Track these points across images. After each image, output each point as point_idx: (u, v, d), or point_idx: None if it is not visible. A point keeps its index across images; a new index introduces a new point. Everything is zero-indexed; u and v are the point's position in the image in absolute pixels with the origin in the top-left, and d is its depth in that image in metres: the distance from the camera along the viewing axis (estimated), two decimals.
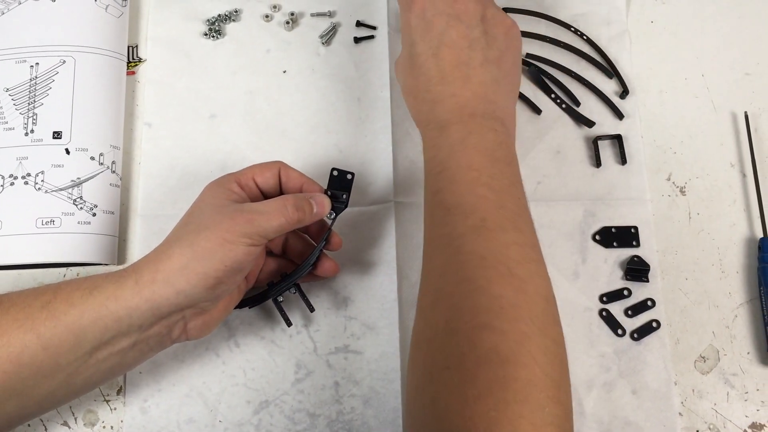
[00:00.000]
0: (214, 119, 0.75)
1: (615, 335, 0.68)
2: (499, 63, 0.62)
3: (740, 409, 0.67)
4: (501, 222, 0.54)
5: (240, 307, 0.65)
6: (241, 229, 0.55)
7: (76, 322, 0.53)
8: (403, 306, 0.69)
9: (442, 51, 0.62)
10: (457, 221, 0.55)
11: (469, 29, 0.62)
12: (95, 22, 0.75)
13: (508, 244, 0.53)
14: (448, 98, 0.61)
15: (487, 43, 0.62)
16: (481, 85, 0.61)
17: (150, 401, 0.66)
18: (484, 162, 0.57)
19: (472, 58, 0.61)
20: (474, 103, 0.60)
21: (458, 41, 0.62)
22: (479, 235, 0.53)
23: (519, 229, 0.55)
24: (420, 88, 0.63)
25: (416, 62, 0.63)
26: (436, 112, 0.61)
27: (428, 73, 0.62)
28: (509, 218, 0.55)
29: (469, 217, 0.54)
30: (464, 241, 0.54)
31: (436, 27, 0.62)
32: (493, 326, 0.49)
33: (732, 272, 0.71)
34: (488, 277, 0.51)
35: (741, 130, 0.76)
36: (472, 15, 0.63)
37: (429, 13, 0.63)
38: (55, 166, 0.69)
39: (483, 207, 0.55)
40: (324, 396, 0.66)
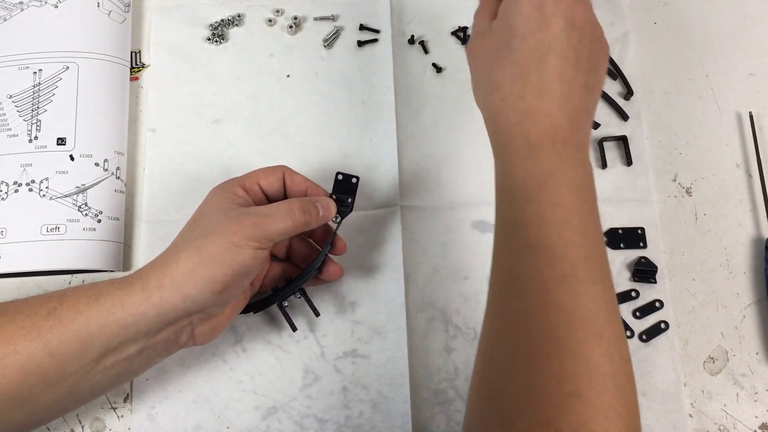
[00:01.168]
0: (218, 124, 0.75)
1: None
2: (593, 90, 0.56)
3: (750, 410, 0.67)
4: (590, 273, 0.50)
5: (245, 312, 0.64)
6: (248, 232, 0.55)
7: (82, 328, 0.53)
8: (410, 310, 0.69)
9: (549, 58, 0.54)
10: (543, 265, 0.50)
11: (581, 44, 0.55)
12: (98, 28, 0.75)
13: (597, 299, 0.49)
14: (542, 116, 0.53)
15: (590, 66, 0.55)
16: (576, 110, 0.54)
17: (157, 408, 0.65)
18: (575, 202, 0.52)
19: (576, 78, 0.54)
20: (567, 130, 0.54)
21: (568, 53, 0.54)
22: (568, 287, 0.49)
23: (605, 283, 0.51)
24: (513, 90, 0.54)
25: (516, 58, 0.55)
26: (527, 128, 0.54)
27: (527, 78, 0.54)
28: (597, 269, 0.50)
29: (557, 264, 0.49)
30: (551, 291, 0.49)
31: (551, 28, 0.54)
32: (582, 396, 0.46)
33: (739, 272, 0.71)
34: (577, 337, 0.47)
35: (746, 131, 0.76)
36: (587, 28, 0.55)
37: (548, 9, 0.54)
38: (59, 172, 0.69)
39: (573, 254, 0.50)
40: (332, 401, 0.66)
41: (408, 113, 0.75)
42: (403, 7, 0.80)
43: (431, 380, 0.67)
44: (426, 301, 0.69)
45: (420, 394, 0.66)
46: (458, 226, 0.72)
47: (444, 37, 0.80)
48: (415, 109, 0.76)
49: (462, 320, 0.68)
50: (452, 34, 0.80)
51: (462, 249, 0.71)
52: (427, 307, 0.69)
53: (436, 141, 0.75)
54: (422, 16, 0.80)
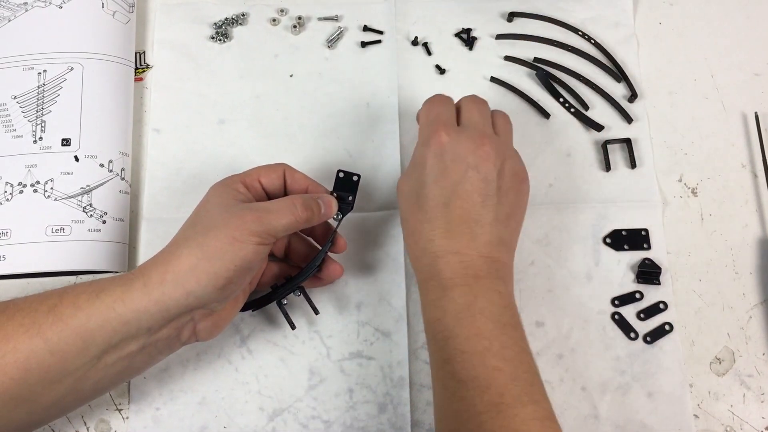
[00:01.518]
0: (222, 124, 0.75)
1: (628, 338, 0.68)
2: (507, 221, 0.60)
3: (757, 411, 0.67)
4: (518, 395, 0.52)
5: (244, 309, 0.64)
6: (250, 227, 0.55)
7: (83, 325, 0.53)
8: (411, 312, 0.68)
9: (454, 203, 0.58)
10: (473, 396, 0.53)
11: (485, 183, 0.59)
12: (102, 29, 0.75)
13: (528, 420, 0.51)
14: (451, 255, 0.58)
15: (499, 201, 0.59)
16: (486, 245, 0.58)
17: (162, 409, 0.65)
18: (493, 329, 0.55)
19: (483, 216, 0.58)
20: (478, 264, 0.58)
21: (472, 195, 0.58)
22: (499, 413, 0.51)
23: (535, 400, 0.53)
24: (423, 235, 0.60)
25: (424, 205, 0.60)
26: (439, 269, 0.58)
27: (434, 222, 0.59)
28: (525, 390, 0.53)
29: (485, 393, 0.52)
30: (484, 419, 0.51)
31: (452, 174, 0.59)
32: None
33: (745, 273, 0.71)
34: None
35: (752, 131, 0.76)
36: (490, 166, 0.59)
37: (448, 156, 0.59)
38: (64, 173, 0.69)
39: (498, 380, 0.53)
40: (338, 402, 0.66)
41: (412, 115, 0.75)
42: (406, 8, 0.80)
43: None
44: None
45: (424, 397, 0.66)
46: None
47: (447, 39, 0.79)
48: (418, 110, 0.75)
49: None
50: (456, 35, 0.80)
51: None
52: None
53: None
54: (426, 17, 0.80)
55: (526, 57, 0.79)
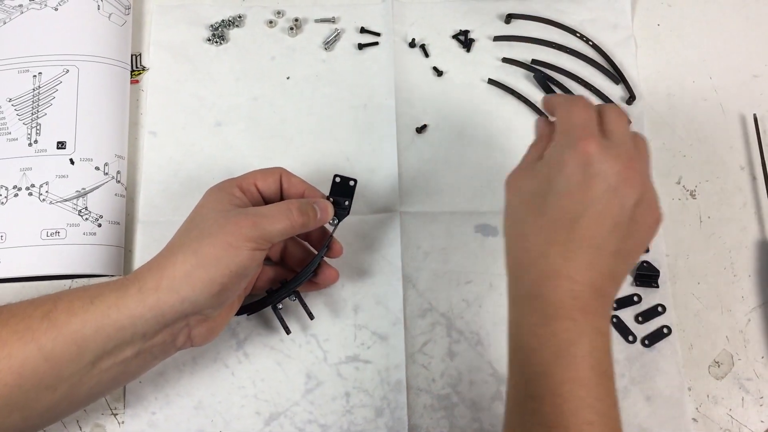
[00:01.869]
0: (219, 127, 0.74)
1: (626, 342, 0.68)
2: (627, 258, 0.54)
3: (755, 414, 0.66)
4: None
5: (239, 314, 0.64)
6: (246, 233, 0.55)
7: (78, 332, 0.52)
8: (409, 315, 0.68)
9: (582, 222, 0.51)
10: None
11: (621, 210, 0.52)
12: (98, 31, 0.74)
13: None
14: (563, 279, 0.51)
15: (627, 233, 0.52)
16: (600, 276, 0.52)
17: (158, 414, 0.65)
18: (591, 378, 0.50)
19: (607, 243, 0.52)
20: (587, 297, 0.51)
21: (603, 219, 0.52)
22: None
23: None
24: (537, 245, 0.53)
25: (547, 211, 0.53)
26: (543, 288, 0.52)
27: (554, 236, 0.52)
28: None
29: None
30: None
31: (592, 190, 0.52)
32: None
33: (744, 276, 0.71)
34: None
35: (750, 133, 0.76)
36: (631, 194, 0.52)
37: (592, 170, 0.52)
38: (59, 176, 0.69)
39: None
40: (335, 406, 0.65)
41: (409, 117, 0.75)
42: (404, 9, 0.80)
43: (434, 386, 0.66)
44: (427, 307, 0.68)
45: (421, 400, 0.66)
46: (460, 231, 0.71)
47: (445, 41, 0.79)
48: (416, 112, 0.75)
49: (465, 325, 0.68)
50: (453, 37, 0.79)
51: (464, 253, 0.70)
52: (429, 312, 0.68)
53: (437, 145, 0.74)
54: (423, 19, 0.80)
55: (523, 59, 0.78)
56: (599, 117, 0.55)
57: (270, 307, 0.65)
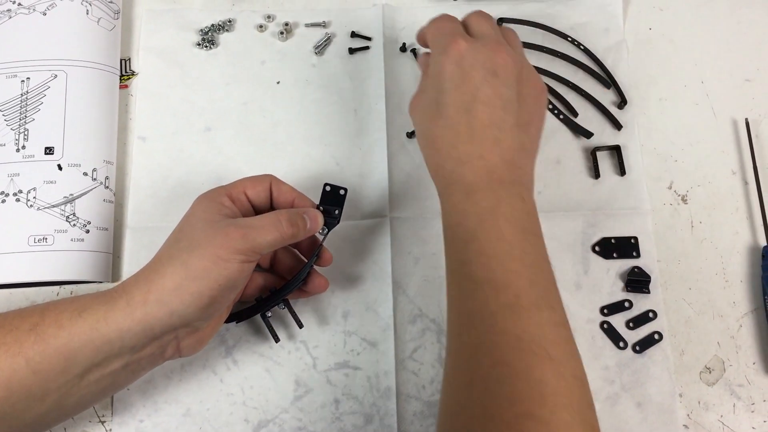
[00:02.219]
0: (209, 132, 0.74)
1: (617, 348, 0.67)
2: (527, 128, 0.59)
3: (747, 421, 0.66)
4: (535, 299, 0.52)
5: (228, 321, 0.64)
6: (235, 245, 0.54)
7: (65, 345, 0.52)
8: (399, 322, 0.68)
9: (475, 107, 0.57)
10: (489, 297, 0.52)
11: (505, 87, 0.58)
12: (87, 36, 0.74)
13: (543, 323, 0.51)
14: (475, 160, 0.57)
15: (519, 106, 0.58)
16: (509, 149, 0.57)
17: (147, 421, 0.64)
18: (515, 234, 0.54)
19: (505, 120, 0.57)
20: (502, 168, 0.56)
21: (493, 99, 0.57)
22: (513, 314, 0.51)
23: (552, 306, 0.53)
24: (445, 141, 0.58)
25: (445, 112, 0.58)
26: (462, 173, 0.57)
27: (457, 128, 0.57)
28: (542, 295, 0.53)
29: (501, 294, 0.52)
30: (497, 320, 0.51)
31: (473, 79, 0.58)
32: (535, 415, 0.47)
33: (736, 281, 0.71)
34: (526, 360, 0.49)
35: (742, 137, 0.75)
36: (509, 72, 0.58)
37: (467, 63, 0.58)
38: (47, 182, 0.68)
39: (516, 283, 0.52)
40: (324, 413, 0.65)
41: (399, 122, 0.75)
42: (394, 14, 0.79)
43: (424, 392, 0.66)
44: (417, 313, 0.68)
45: (411, 407, 0.65)
46: None
47: None
48: (407, 117, 0.75)
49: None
50: None
51: None
52: (419, 318, 0.68)
53: None
54: (414, 23, 0.79)
55: None
56: (464, 26, 0.62)
57: (259, 315, 0.64)
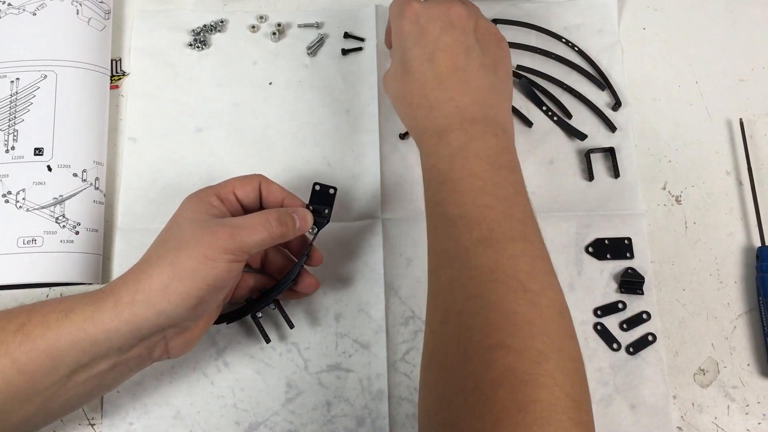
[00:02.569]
0: (200, 133, 0.74)
1: (610, 349, 0.67)
2: (494, 69, 0.61)
3: (741, 423, 0.66)
4: (509, 232, 0.52)
5: (218, 322, 0.63)
6: (223, 244, 0.54)
7: (52, 345, 0.52)
8: (392, 323, 0.67)
9: (437, 55, 0.60)
10: (462, 233, 0.52)
11: (464, 35, 0.60)
12: (77, 36, 0.73)
13: (518, 255, 0.51)
14: (446, 103, 0.58)
15: (481, 51, 0.61)
16: (479, 90, 0.59)
17: (136, 424, 0.64)
18: (487, 170, 0.55)
19: (469, 64, 0.60)
20: (474, 108, 0.58)
21: (454, 46, 0.60)
22: (487, 248, 0.51)
23: (528, 239, 0.53)
24: (415, 93, 0.60)
25: (410, 68, 0.61)
26: (434, 118, 0.59)
27: (423, 78, 0.60)
28: (517, 228, 0.53)
29: (475, 229, 0.52)
30: (471, 254, 0.51)
31: (430, 32, 0.60)
32: (507, 345, 0.47)
33: (730, 282, 0.70)
34: (499, 292, 0.49)
35: (736, 138, 0.75)
36: (465, 22, 0.61)
37: (423, 19, 0.61)
38: (36, 183, 0.68)
39: (489, 217, 0.52)
40: (315, 416, 0.64)
41: (392, 123, 0.74)
42: (388, 15, 0.79)
43: (416, 394, 0.65)
44: (410, 315, 0.68)
45: (403, 410, 0.65)
46: None
47: None
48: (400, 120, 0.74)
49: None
50: None
51: None
52: (411, 320, 0.67)
53: None
54: None
55: None
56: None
57: (250, 316, 0.64)
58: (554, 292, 0.51)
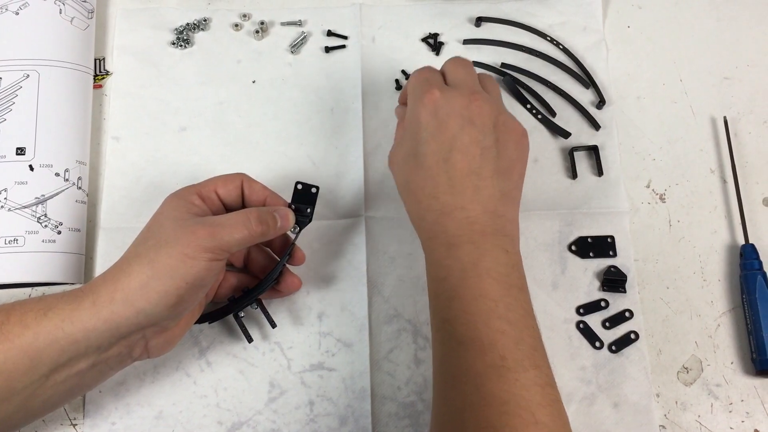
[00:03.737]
0: (184, 132, 0.73)
1: (593, 348, 0.67)
2: (508, 174, 0.59)
3: (725, 421, 0.66)
4: (520, 359, 0.51)
5: (200, 322, 0.63)
6: (203, 243, 0.54)
7: (31, 344, 0.52)
8: (375, 322, 0.67)
9: (453, 156, 0.57)
10: (474, 358, 0.52)
11: (482, 135, 0.58)
12: (60, 35, 0.73)
13: (529, 385, 0.51)
14: (457, 211, 0.57)
15: (498, 153, 0.58)
16: (490, 198, 0.57)
17: (118, 424, 0.64)
18: (498, 290, 0.54)
19: (483, 168, 0.57)
20: (484, 220, 0.57)
21: (470, 147, 0.58)
22: (500, 377, 0.51)
23: (537, 365, 0.52)
24: (425, 193, 0.58)
25: (424, 163, 0.58)
26: (444, 226, 0.57)
27: (437, 179, 0.58)
28: (528, 354, 0.52)
29: (487, 354, 0.51)
30: (483, 381, 0.51)
31: (449, 129, 0.58)
32: None
33: (714, 280, 0.70)
34: (512, 425, 0.49)
35: (720, 135, 0.75)
36: (486, 119, 0.58)
37: (442, 112, 0.59)
38: (18, 183, 0.68)
39: (501, 343, 0.52)
40: (298, 415, 0.64)
41: (376, 121, 0.74)
42: (372, 12, 0.79)
43: (399, 393, 0.65)
44: (393, 313, 0.68)
45: (386, 409, 0.65)
46: None
47: (414, 44, 0.78)
48: (384, 116, 0.74)
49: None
50: (422, 40, 0.78)
51: None
52: (395, 318, 0.67)
53: None
54: (392, 22, 0.79)
55: (493, 62, 0.78)
56: (443, 74, 0.63)
57: (232, 315, 0.64)
58: (563, 421, 0.52)
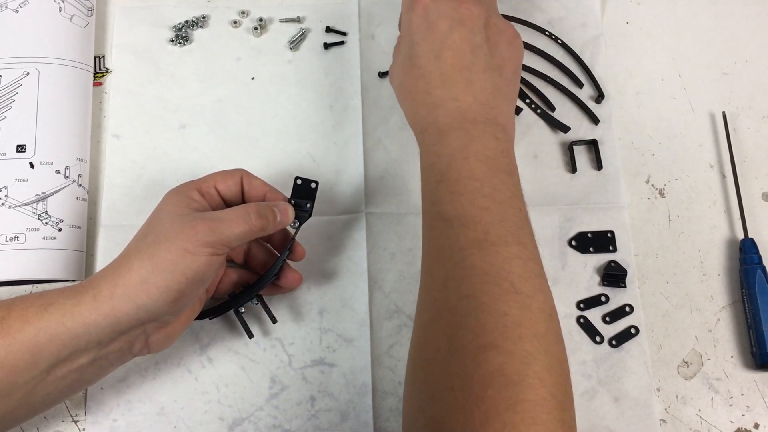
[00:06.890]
0: (183, 129, 0.73)
1: (593, 342, 0.67)
2: (500, 70, 0.61)
3: (725, 415, 0.66)
4: (503, 235, 0.52)
5: (200, 318, 0.63)
6: (203, 238, 0.54)
7: (31, 339, 0.52)
8: (375, 318, 0.67)
9: (444, 53, 0.60)
10: (458, 234, 0.53)
11: (472, 34, 0.60)
12: (60, 33, 0.73)
13: (511, 258, 0.51)
14: (449, 102, 0.59)
15: (489, 50, 0.60)
16: (482, 90, 0.59)
17: (120, 421, 0.64)
18: (485, 172, 0.55)
19: (475, 63, 0.59)
20: (476, 109, 0.58)
21: (461, 45, 0.60)
22: (481, 249, 0.52)
23: (521, 242, 0.53)
24: (419, 89, 0.60)
25: (416, 63, 0.61)
26: (436, 116, 0.59)
27: (428, 75, 0.60)
28: (512, 231, 0.53)
29: (470, 230, 0.52)
30: (466, 255, 0.52)
31: (439, 29, 0.60)
32: (498, 346, 0.47)
33: (713, 275, 0.70)
34: (492, 293, 0.50)
35: (719, 131, 0.75)
36: (475, 20, 0.61)
37: (432, 15, 0.61)
38: (18, 180, 0.68)
39: (485, 219, 0.53)
40: (299, 411, 0.64)
41: (375, 117, 0.74)
42: (371, 9, 0.79)
43: (400, 388, 0.65)
44: (394, 309, 0.68)
45: (387, 404, 0.65)
46: None
47: None
48: (383, 112, 0.75)
49: None
50: None
51: None
52: (395, 314, 0.68)
53: (405, 145, 0.73)
54: (391, 18, 0.78)
55: None
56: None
57: (233, 311, 0.64)
58: (545, 295, 0.52)
